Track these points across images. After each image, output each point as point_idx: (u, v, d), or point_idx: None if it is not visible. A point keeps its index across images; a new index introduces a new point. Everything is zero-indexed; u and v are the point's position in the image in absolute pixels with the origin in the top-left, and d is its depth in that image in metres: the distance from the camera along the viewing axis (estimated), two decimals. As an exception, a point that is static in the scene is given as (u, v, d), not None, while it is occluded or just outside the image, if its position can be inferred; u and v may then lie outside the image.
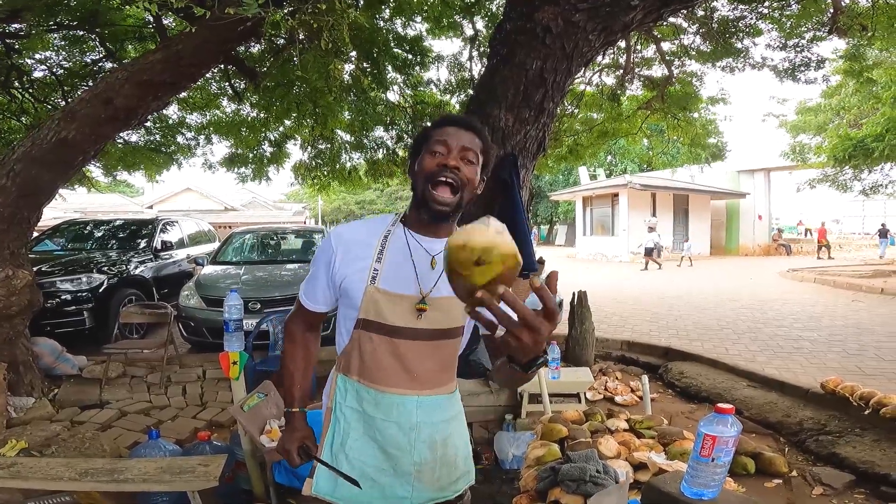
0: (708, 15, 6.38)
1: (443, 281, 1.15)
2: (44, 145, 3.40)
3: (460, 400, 1.33)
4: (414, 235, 1.22)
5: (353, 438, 1.23)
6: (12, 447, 3.07)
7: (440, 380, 1.24)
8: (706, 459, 1.02)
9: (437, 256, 1.20)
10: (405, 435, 1.20)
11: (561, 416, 2.51)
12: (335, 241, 1.24)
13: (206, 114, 7.80)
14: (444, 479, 1.25)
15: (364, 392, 1.22)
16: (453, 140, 1.17)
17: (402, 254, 1.20)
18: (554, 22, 3.37)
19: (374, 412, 1.21)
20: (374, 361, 1.20)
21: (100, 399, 3.96)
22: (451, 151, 1.16)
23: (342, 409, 1.25)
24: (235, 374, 2.58)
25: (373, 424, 1.22)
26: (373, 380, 1.21)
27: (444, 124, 1.21)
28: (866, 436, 3.04)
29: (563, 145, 8.58)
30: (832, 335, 6.09)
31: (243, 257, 6.65)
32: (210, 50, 3.97)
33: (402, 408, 1.20)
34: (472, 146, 1.18)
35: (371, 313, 1.18)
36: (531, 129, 3.61)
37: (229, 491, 2.75)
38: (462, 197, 1.17)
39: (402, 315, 1.17)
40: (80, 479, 2.38)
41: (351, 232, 1.26)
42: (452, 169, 1.15)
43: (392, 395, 1.20)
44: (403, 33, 6.44)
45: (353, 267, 1.21)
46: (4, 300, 3.35)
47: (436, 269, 1.19)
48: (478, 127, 1.23)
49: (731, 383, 4.11)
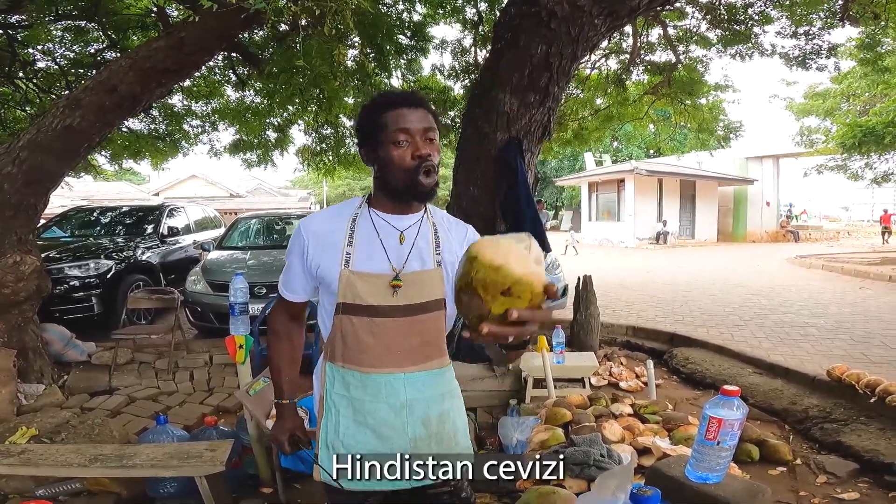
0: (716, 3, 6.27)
1: (413, 256, 1.18)
2: (49, 133, 3.42)
3: (454, 377, 1.33)
4: (380, 215, 1.23)
5: (345, 426, 1.24)
6: (23, 434, 3.11)
7: (425, 355, 1.24)
8: (711, 443, 1.02)
9: (404, 232, 1.21)
10: (396, 414, 1.21)
11: (565, 401, 2.52)
12: (305, 230, 1.26)
13: (211, 102, 7.79)
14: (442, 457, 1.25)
15: (350, 376, 1.23)
16: (412, 124, 1.16)
17: (370, 235, 1.22)
18: (559, 6, 3.34)
19: (361, 395, 1.23)
20: (356, 344, 1.21)
21: (109, 385, 4.01)
22: (416, 138, 1.16)
23: (332, 398, 1.26)
24: (241, 358, 2.61)
25: (362, 408, 1.23)
26: (357, 363, 1.22)
27: (394, 106, 1.19)
28: (872, 424, 3.02)
29: (567, 129, 8.50)
30: (839, 322, 6.06)
31: (249, 242, 6.68)
32: (213, 37, 3.95)
33: (389, 387, 1.21)
34: (429, 124, 1.18)
35: (349, 296, 1.19)
36: (536, 114, 3.59)
37: (236, 476, 2.78)
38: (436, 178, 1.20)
39: (378, 294, 1.18)
40: (89, 466, 2.43)
41: (320, 220, 1.28)
42: (427, 157, 1.15)
43: (378, 374, 1.21)
44: (408, 19, 6.37)
45: (326, 254, 1.22)
46: (13, 286, 3.38)
47: (405, 244, 1.21)
48: (423, 99, 1.22)
49: (737, 370, 4.11)
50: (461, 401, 1.34)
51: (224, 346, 4.39)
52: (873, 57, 7.27)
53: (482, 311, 0.73)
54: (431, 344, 1.24)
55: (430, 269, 1.20)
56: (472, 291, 0.73)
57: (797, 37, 6.47)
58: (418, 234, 1.22)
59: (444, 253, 1.22)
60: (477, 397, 3.36)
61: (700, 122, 8.58)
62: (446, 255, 1.23)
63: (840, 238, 21.59)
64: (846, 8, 5.63)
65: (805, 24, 6.29)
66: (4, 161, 3.39)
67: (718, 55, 7.32)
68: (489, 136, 3.58)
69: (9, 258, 3.37)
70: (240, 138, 7.76)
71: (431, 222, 1.25)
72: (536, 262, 0.73)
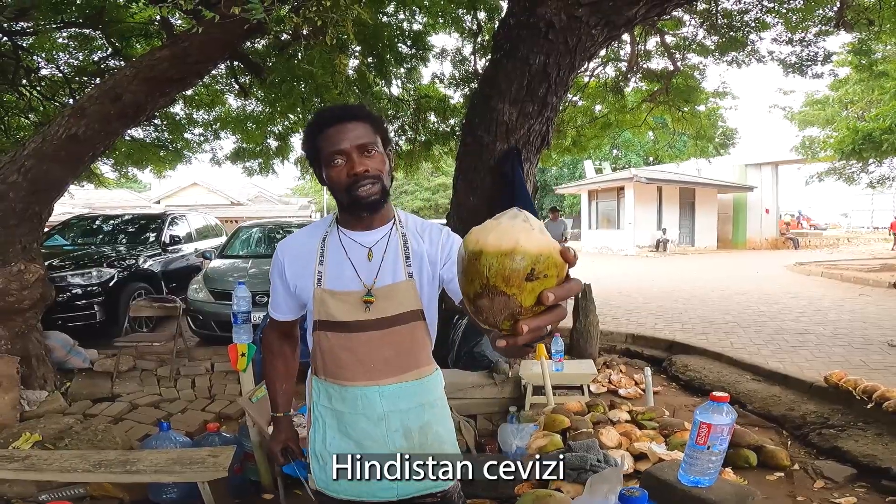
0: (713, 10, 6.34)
1: (384, 271, 1.19)
2: (54, 141, 3.47)
3: (441, 387, 1.33)
4: (347, 233, 1.25)
5: (331, 436, 1.28)
6: (26, 440, 3.13)
7: (401, 366, 1.24)
8: (702, 447, 1.05)
9: (372, 248, 1.22)
10: (375, 426, 1.23)
11: (563, 408, 2.55)
12: (281, 252, 1.30)
13: (213, 110, 7.87)
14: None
15: (332, 389, 1.26)
16: (345, 142, 1.15)
17: (339, 253, 1.23)
18: (557, 17, 3.39)
19: (342, 407, 1.25)
20: (332, 359, 1.24)
21: (111, 392, 4.05)
22: (350, 155, 1.15)
23: (318, 409, 1.30)
24: (243, 366, 2.64)
25: (343, 420, 1.26)
26: (335, 376, 1.25)
27: (326, 126, 1.18)
28: (869, 430, 3.05)
29: (566, 137, 8.57)
30: (838, 329, 6.07)
31: (250, 251, 6.72)
32: (216, 46, 4.01)
33: (366, 399, 1.23)
34: (364, 137, 1.16)
35: (322, 314, 1.21)
36: (535, 123, 3.64)
37: (238, 482, 2.81)
38: (384, 184, 1.19)
39: (350, 311, 1.20)
40: (93, 471, 2.45)
41: (294, 241, 1.31)
42: (362, 174, 1.15)
43: (355, 388, 1.23)
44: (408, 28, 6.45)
45: (301, 274, 1.25)
46: (17, 294, 3.42)
47: (373, 260, 1.21)
48: (355, 111, 1.21)
49: (735, 377, 4.14)
50: (446, 410, 1.34)
51: (225, 354, 4.44)
52: (868, 63, 7.34)
53: (513, 307, 0.59)
54: (407, 355, 1.25)
55: (402, 282, 1.21)
56: (492, 291, 0.59)
57: (793, 43, 6.55)
58: (387, 248, 1.23)
59: (415, 263, 1.23)
60: (477, 404, 3.39)
61: (698, 129, 8.66)
62: (416, 265, 1.23)
63: (840, 245, 21.62)
64: (841, 14, 5.70)
65: (801, 31, 6.36)
66: (9, 170, 3.44)
67: (716, 62, 7.38)
68: (488, 146, 3.63)
69: (13, 266, 3.41)
70: (241, 146, 7.85)
71: (401, 233, 1.26)
72: (541, 231, 0.61)
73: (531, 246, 0.58)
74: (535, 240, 0.59)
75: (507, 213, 0.63)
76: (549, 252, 0.58)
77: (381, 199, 1.19)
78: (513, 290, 0.58)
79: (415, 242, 1.25)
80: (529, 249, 0.58)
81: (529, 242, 0.58)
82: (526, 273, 0.57)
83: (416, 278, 1.22)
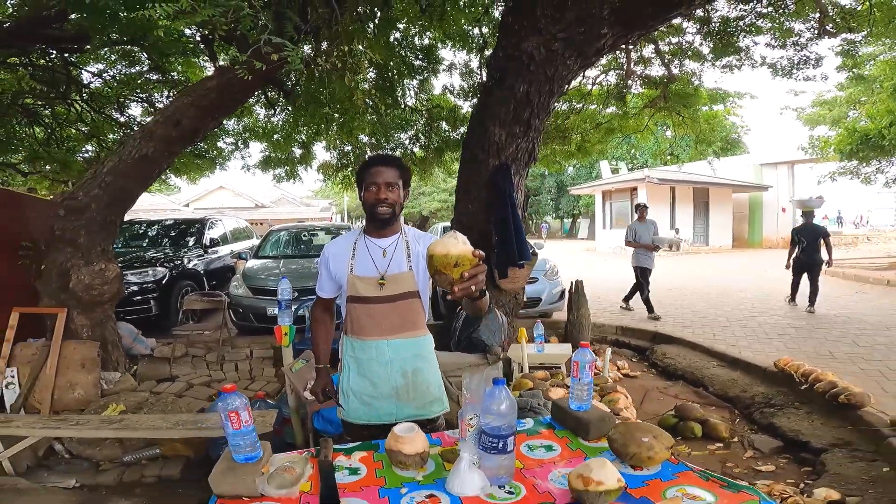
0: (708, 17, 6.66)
1: (393, 264, 1.85)
2: (128, 161, 4.13)
3: (431, 346, 1.95)
4: (370, 239, 1.90)
5: (352, 377, 1.93)
6: (114, 409, 3.84)
7: (403, 327, 1.86)
8: (576, 380, 1.66)
9: (386, 248, 1.87)
10: (383, 367, 1.87)
11: (531, 375, 3.17)
12: (326, 252, 1.96)
13: (242, 120, 8.60)
14: (418, 400, 1.89)
15: (355, 343, 1.91)
16: (380, 178, 1.81)
17: (365, 252, 1.89)
18: (537, 50, 3.89)
19: (361, 356, 1.90)
20: (357, 322, 1.88)
21: (170, 374, 4.77)
22: (381, 187, 1.81)
23: (345, 358, 1.96)
24: (286, 343, 3.33)
25: (362, 364, 1.90)
26: (359, 333, 1.89)
27: (372, 165, 1.85)
28: (802, 409, 3.52)
29: (571, 143, 9.03)
30: (819, 324, 6.49)
31: (280, 252, 7.43)
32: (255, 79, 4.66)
33: (377, 349, 1.86)
34: (391, 178, 1.82)
35: (353, 291, 1.87)
36: (521, 142, 4.19)
37: (277, 442, 3.44)
38: (394, 209, 1.84)
39: (371, 289, 1.84)
40: (174, 428, 3.12)
41: (335, 245, 1.97)
42: (383, 200, 1.81)
43: (371, 341, 1.87)
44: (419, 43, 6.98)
45: (340, 265, 1.91)
46: (99, 288, 4.15)
47: (387, 257, 1.86)
48: (393, 160, 1.87)
49: (704, 363, 4.67)
50: (434, 363, 1.96)
51: (262, 343, 5.19)
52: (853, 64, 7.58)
53: (450, 279, 1.27)
54: (407, 320, 1.88)
55: (405, 272, 1.86)
56: (439, 272, 1.28)
57: (786, 47, 6.80)
58: (396, 249, 1.88)
59: (414, 260, 1.88)
60: (473, 381, 4.01)
61: (698, 133, 9.02)
62: (415, 260, 1.88)
63: (858, 244, 21.49)
64: (821, 22, 6.07)
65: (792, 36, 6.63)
66: (92, 185, 4.14)
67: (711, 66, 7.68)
68: (483, 162, 4.19)
69: (95, 266, 4.15)
70: (269, 155, 8.55)
71: (405, 240, 1.90)
72: (463, 243, 1.29)
73: (455, 251, 1.27)
74: (458, 248, 1.28)
75: (448, 234, 1.32)
76: (465, 253, 1.27)
77: (390, 218, 1.84)
78: (448, 271, 1.27)
79: (414, 246, 1.90)
80: (454, 252, 1.27)
81: (455, 249, 1.27)
82: (453, 263, 1.26)
83: (414, 270, 1.87)
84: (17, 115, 7.42)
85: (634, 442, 1.36)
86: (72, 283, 4.05)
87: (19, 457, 3.19)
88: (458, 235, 1.33)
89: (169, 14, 2.64)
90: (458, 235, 1.33)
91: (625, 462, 1.38)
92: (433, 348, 1.98)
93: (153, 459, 3.43)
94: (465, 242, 1.32)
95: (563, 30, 3.69)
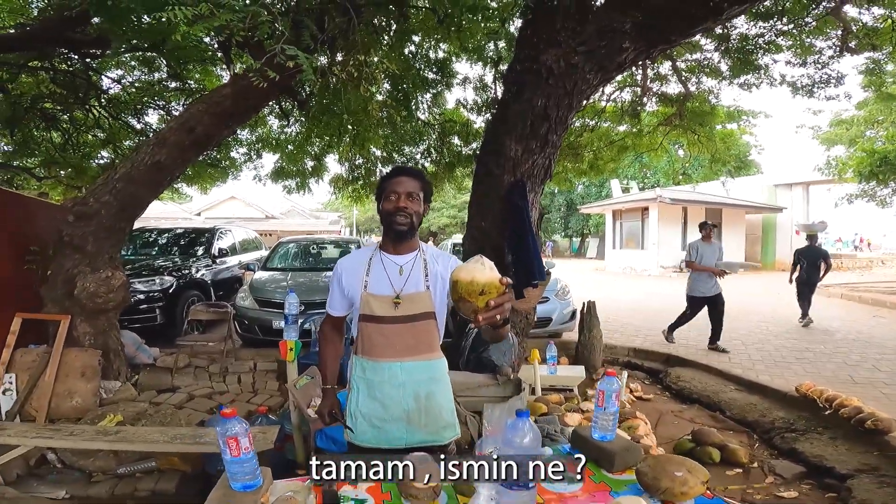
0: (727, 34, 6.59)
1: (410, 283, 1.74)
2: (141, 167, 4.09)
3: (445, 369, 1.85)
4: (386, 256, 1.81)
5: (362, 399, 1.81)
6: (111, 420, 3.75)
7: (417, 349, 1.76)
8: (601, 409, 1.56)
9: (403, 266, 1.77)
10: (395, 390, 1.76)
11: (545, 399, 3.04)
12: (340, 266, 1.87)
13: (256, 130, 8.62)
14: (431, 425, 1.78)
15: (366, 364, 1.80)
16: (401, 188, 1.73)
17: (380, 269, 1.79)
18: (556, 63, 3.81)
19: (373, 377, 1.79)
20: (370, 342, 1.78)
21: (172, 384, 4.68)
22: (401, 196, 1.73)
23: (354, 380, 1.85)
24: (291, 358, 3.23)
25: (373, 386, 1.79)
26: (371, 354, 1.78)
27: (394, 175, 1.78)
28: (826, 434, 3.42)
29: (583, 161, 8.95)
30: (838, 348, 6.32)
31: (288, 264, 7.38)
32: (270, 88, 4.63)
33: (390, 371, 1.76)
34: (413, 189, 1.74)
35: (366, 309, 1.76)
36: (538, 158, 4.11)
37: (278, 458, 3.36)
38: (413, 222, 1.75)
39: (385, 308, 1.74)
40: (172, 442, 3.00)
41: (349, 260, 1.88)
42: (403, 209, 1.72)
43: (383, 362, 1.77)
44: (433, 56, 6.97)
45: (353, 281, 1.81)
46: (104, 296, 4.09)
47: (403, 275, 1.76)
48: (416, 172, 1.81)
49: (720, 386, 4.53)
50: (448, 387, 1.86)
51: (266, 355, 5.10)
52: (877, 83, 7.48)
53: (474, 307, 1.20)
54: (422, 342, 1.78)
55: (422, 291, 1.76)
56: (463, 300, 1.21)
57: (806, 65, 6.67)
58: (413, 267, 1.78)
59: (431, 279, 1.78)
60: (482, 402, 3.85)
61: (713, 152, 8.91)
62: (433, 280, 1.78)
63: (873, 267, 21.16)
64: (844, 40, 5.98)
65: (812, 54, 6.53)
66: (102, 191, 4.10)
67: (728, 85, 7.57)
68: (498, 178, 4.11)
69: (101, 273, 4.09)
70: (281, 166, 8.54)
71: (423, 258, 1.80)
72: (490, 269, 1.21)
73: (481, 278, 1.20)
74: (485, 275, 1.21)
75: (473, 259, 1.26)
76: (492, 280, 1.20)
77: (408, 231, 1.75)
78: (472, 299, 1.20)
79: (432, 265, 1.80)
80: (480, 280, 1.20)
81: (481, 276, 1.20)
82: (478, 291, 1.19)
83: (431, 290, 1.77)
84: (36, 119, 7.47)
85: (667, 476, 1.26)
86: (76, 290, 3.99)
87: (10, 465, 3.09)
88: (484, 261, 1.24)
89: (188, 18, 2.60)
90: (484, 261, 1.24)
91: (654, 497, 1.29)
92: (447, 371, 1.88)
93: (148, 472, 3.32)
94: (493, 269, 1.23)
95: (583, 43, 3.63)
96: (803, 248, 8.29)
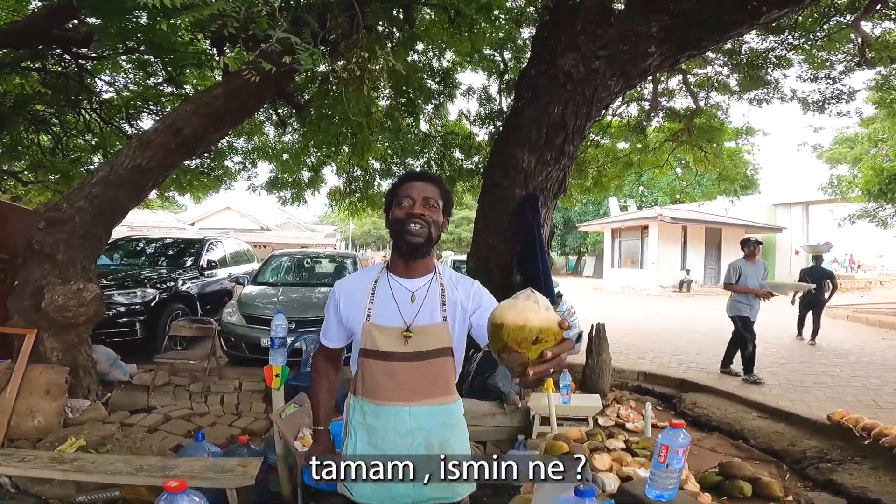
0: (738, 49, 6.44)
1: (423, 313, 1.42)
2: (120, 171, 3.81)
3: (461, 413, 1.54)
4: (395, 279, 1.50)
5: (360, 447, 1.49)
6: (71, 444, 3.40)
7: (430, 392, 1.47)
8: (662, 465, 1.25)
9: (415, 292, 1.46)
10: (402, 439, 1.44)
11: (564, 435, 2.72)
12: (338, 290, 1.55)
13: (252, 139, 8.36)
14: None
15: (367, 407, 1.48)
16: (416, 192, 1.44)
17: (387, 294, 1.48)
18: (575, 68, 3.58)
19: (374, 423, 1.47)
20: (373, 381, 1.47)
21: (147, 404, 4.32)
22: (416, 202, 1.43)
23: (352, 424, 1.53)
24: (277, 385, 2.90)
25: (374, 433, 1.47)
26: (373, 396, 1.47)
27: (408, 180, 1.49)
28: (865, 464, 3.16)
29: (587, 177, 8.76)
30: (855, 371, 6.07)
31: (280, 279, 7.03)
32: (265, 87, 4.35)
33: (397, 417, 1.45)
34: (432, 195, 1.45)
35: (368, 343, 1.45)
36: (552, 171, 3.84)
37: (260, 492, 3.02)
38: (430, 233, 1.44)
39: (392, 342, 1.43)
40: (136, 474, 2.69)
41: (349, 282, 1.56)
42: (418, 216, 1.41)
43: (389, 406, 1.45)
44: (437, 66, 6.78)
45: (353, 309, 1.49)
46: (74, 310, 3.75)
47: (416, 303, 1.46)
48: (435, 178, 1.53)
49: (742, 414, 4.24)
50: (464, 433, 1.56)
51: (253, 375, 4.74)
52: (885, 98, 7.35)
53: (523, 360, 0.90)
54: (437, 383, 1.48)
55: (438, 323, 1.45)
56: (509, 350, 0.90)
57: (817, 81, 6.57)
58: (428, 293, 1.47)
59: (449, 309, 1.46)
60: (487, 432, 3.56)
61: (721, 169, 8.74)
62: (451, 310, 1.46)
63: (872, 288, 21.01)
64: (863, 52, 5.81)
65: (824, 69, 6.38)
66: (78, 196, 3.81)
67: (738, 100, 7.42)
68: (507, 190, 3.83)
69: (73, 285, 3.76)
70: (276, 176, 8.28)
71: (440, 283, 1.50)
72: (546, 308, 0.91)
73: (536, 321, 0.88)
74: (541, 317, 0.89)
75: (522, 294, 0.94)
76: (549, 325, 0.89)
77: (424, 244, 1.43)
78: (522, 349, 0.89)
79: (450, 291, 1.49)
80: (535, 324, 0.88)
81: (535, 319, 0.89)
82: (532, 339, 0.88)
83: (449, 321, 1.46)
84: (24, 121, 7.19)
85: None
86: (44, 302, 3.66)
87: (-43, 493, 2.74)
88: (538, 298, 0.93)
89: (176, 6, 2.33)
90: (538, 298, 0.93)
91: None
92: (463, 415, 1.57)
93: (112, 503, 2.96)
94: (549, 308, 0.92)
95: (604, 46, 3.39)
96: (809, 268, 8.28)
